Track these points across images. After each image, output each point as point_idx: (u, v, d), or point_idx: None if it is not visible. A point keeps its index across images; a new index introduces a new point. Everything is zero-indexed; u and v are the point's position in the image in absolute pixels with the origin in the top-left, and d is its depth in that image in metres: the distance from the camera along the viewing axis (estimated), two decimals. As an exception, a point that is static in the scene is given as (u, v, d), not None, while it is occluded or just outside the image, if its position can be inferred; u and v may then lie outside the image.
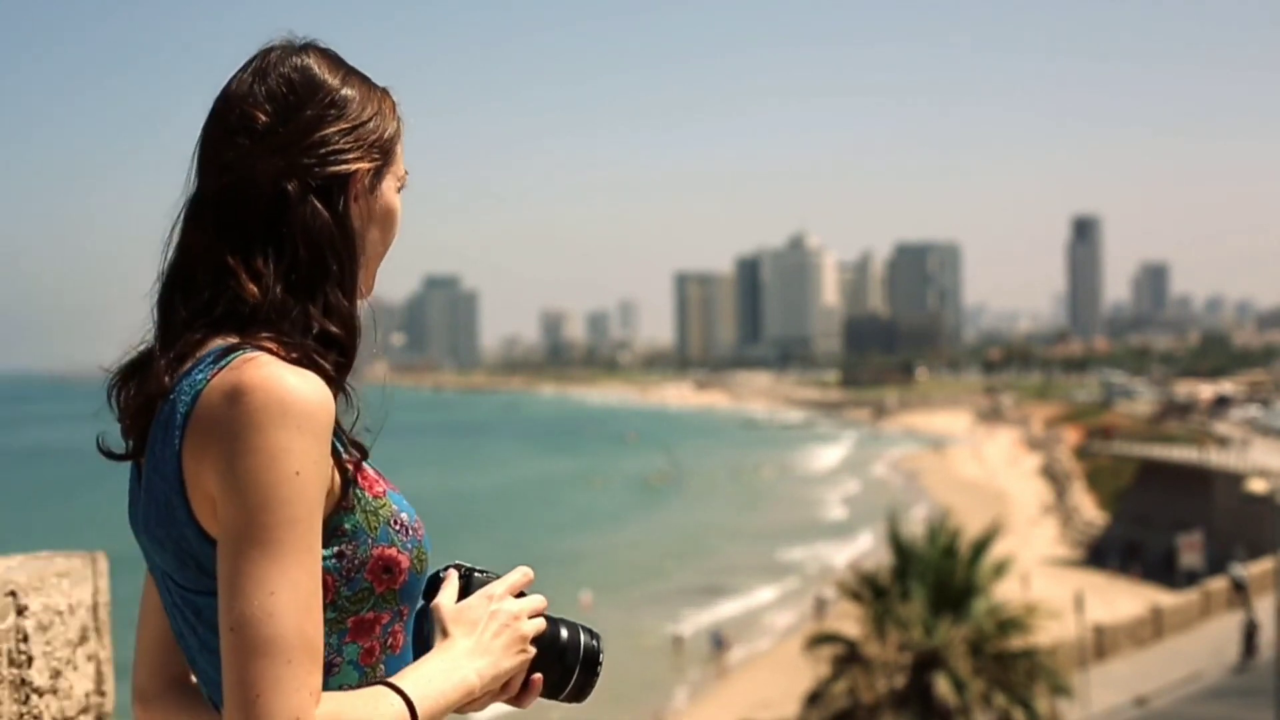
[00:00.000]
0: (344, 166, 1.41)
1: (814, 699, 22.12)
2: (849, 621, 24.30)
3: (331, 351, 1.37)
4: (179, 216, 1.44)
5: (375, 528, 1.36)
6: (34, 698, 2.20)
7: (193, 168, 1.44)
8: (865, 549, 52.22)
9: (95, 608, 2.44)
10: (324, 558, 1.31)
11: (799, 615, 42.25)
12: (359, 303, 1.43)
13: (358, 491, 1.36)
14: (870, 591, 22.97)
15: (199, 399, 1.29)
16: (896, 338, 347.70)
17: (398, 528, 1.38)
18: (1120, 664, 32.16)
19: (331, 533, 1.32)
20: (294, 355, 1.32)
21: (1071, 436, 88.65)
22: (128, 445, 1.43)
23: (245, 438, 1.25)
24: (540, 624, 1.48)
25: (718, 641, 38.07)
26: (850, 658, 22.04)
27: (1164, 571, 45.83)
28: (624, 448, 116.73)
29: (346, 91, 1.44)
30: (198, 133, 1.46)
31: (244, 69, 1.44)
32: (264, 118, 1.39)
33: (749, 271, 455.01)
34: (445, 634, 1.42)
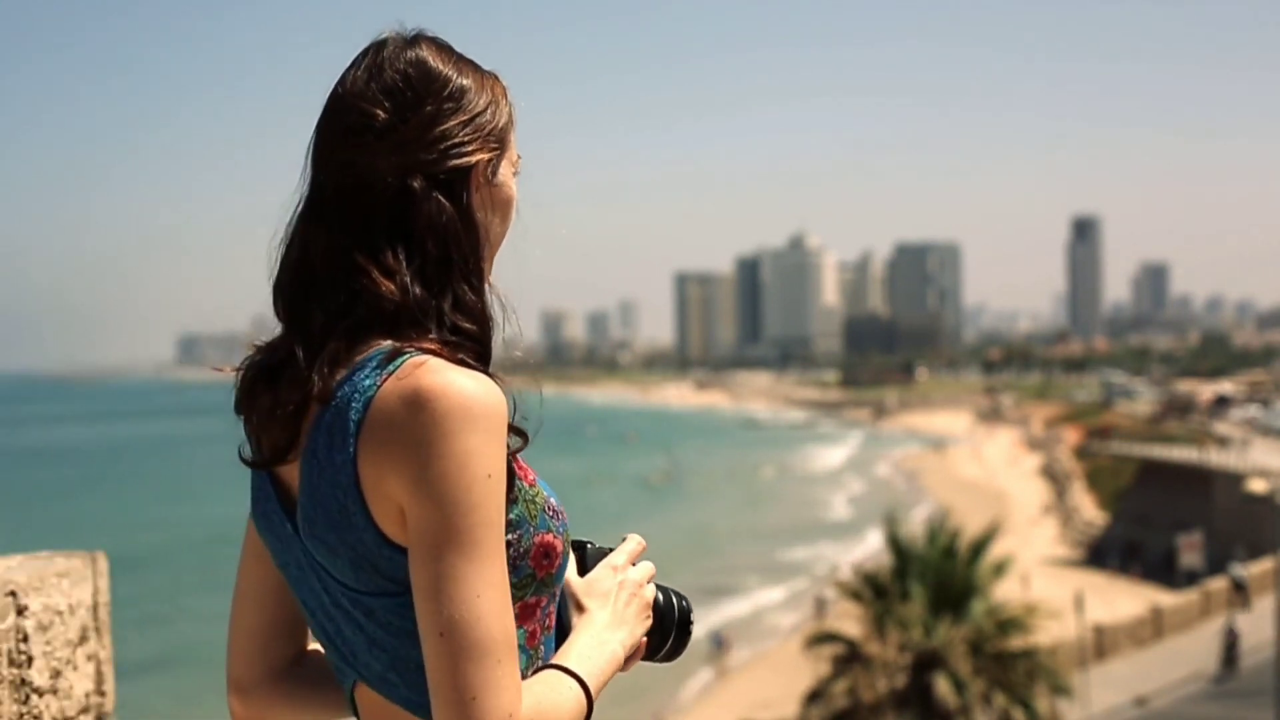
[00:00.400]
0: (465, 159, 1.41)
1: (814, 699, 22.12)
2: (849, 621, 24.30)
3: (469, 345, 1.38)
4: (294, 216, 1.43)
5: (535, 516, 1.39)
6: (34, 698, 2.20)
7: (307, 167, 1.43)
8: (865, 549, 52.20)
9: (95, 608, 2.44)
10: None
11: (800, 615, 42.25)
12: (488, 295, 1.44)
13: (518, 482, 1.38)
14: (870, 591, 22.97)
15: (372, 405, 1.29)
16: (896, 338, 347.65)
17: (551, 513, 1.42)
18: (1120, 664, 32.16)
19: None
20: (459, 356, 1.34)
21: (1071, 436, 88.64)
22: (261, 451, 1.42)
23: (436, 444, 1.26)
24: (654, 589, 1.55)
25: (718, 642, 38.05)
26: (850, 657, 22.04)
27: (1164, 571, 45.82)
28: (624, 447, 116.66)
29: (463, 82, 1.43)
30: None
31: (356, 65, 1.43)
32: (383, 115, 1.38)
33: (749, 271, 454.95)
34: (581, 609, 1.48)
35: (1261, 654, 29.76)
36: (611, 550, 1.57)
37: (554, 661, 1.40)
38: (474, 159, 1.41)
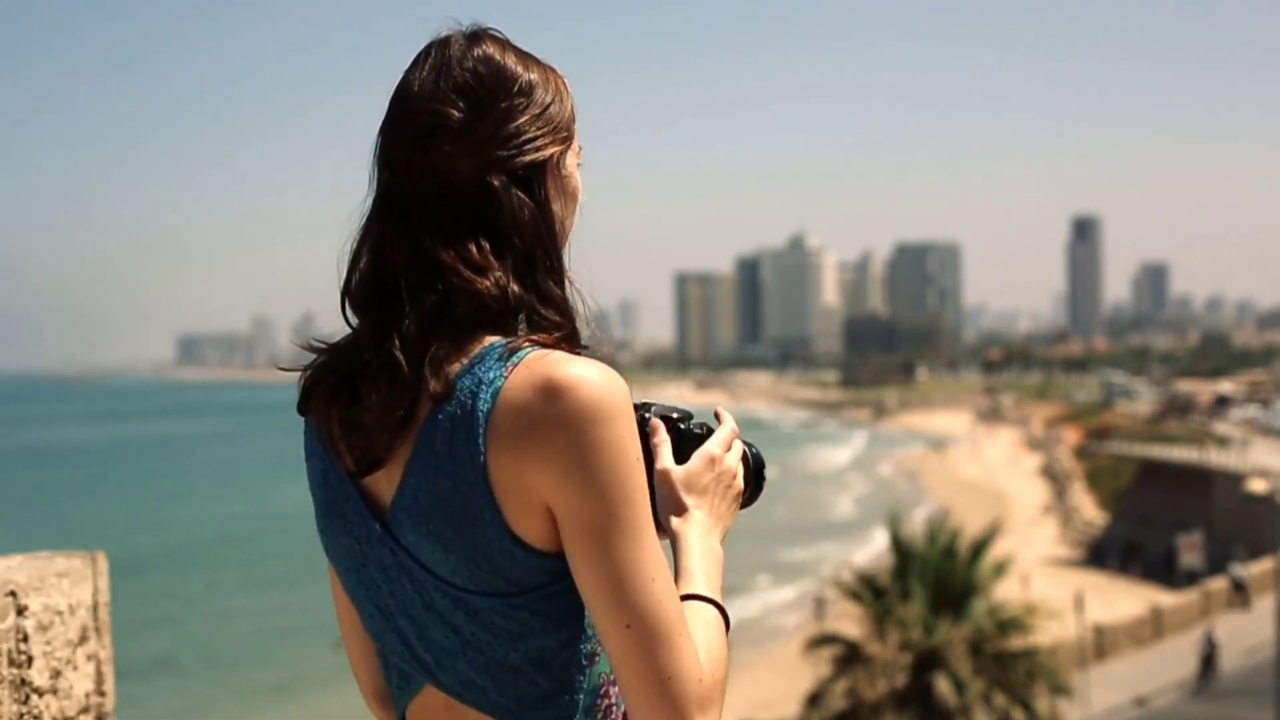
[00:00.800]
0: (540, 154, 1.41)
1: (814, 699, 22.12)
2: (849, 621, 24.30)
3: (562, 339, 1.38)
4: (368, 219, 1.42)
5: None
6: (34, 698, 2.20)
7: (376, 169, 1.42)
8: (865, 549, 52.19)
9: (95, 608, 2.44)
10: None
11: (800, 615, 42.24)
12: (569, 288, 1.44)
13: None
14: (870, 591, 22.98)
15: (501, 398, 1.29)
16: (896, 338, 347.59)
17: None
18: (1120, 664, 32.16)
19: None
20: (578, 350, 1.36)
21: (1071, 436, 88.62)
22: (361, 457, 1.39)
23: (585, 434, 1.27)
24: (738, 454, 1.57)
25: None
26: (850, 658, 22.04)
27: (1164, 571, 45.81)
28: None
29: (530, 76, 1.44)
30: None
31: (420, 66, 1.43)
32: (458, 114, 1.38)
33: (749, 271, 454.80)
34: (682, 508, 1.48)
35: (1261, 654, 29.75)
36: (703, 430, 1.55)
37: (690, 591, 1.41)
38: (547, 153, 1.42)
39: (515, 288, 1.36)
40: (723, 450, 1.53)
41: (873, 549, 52.63)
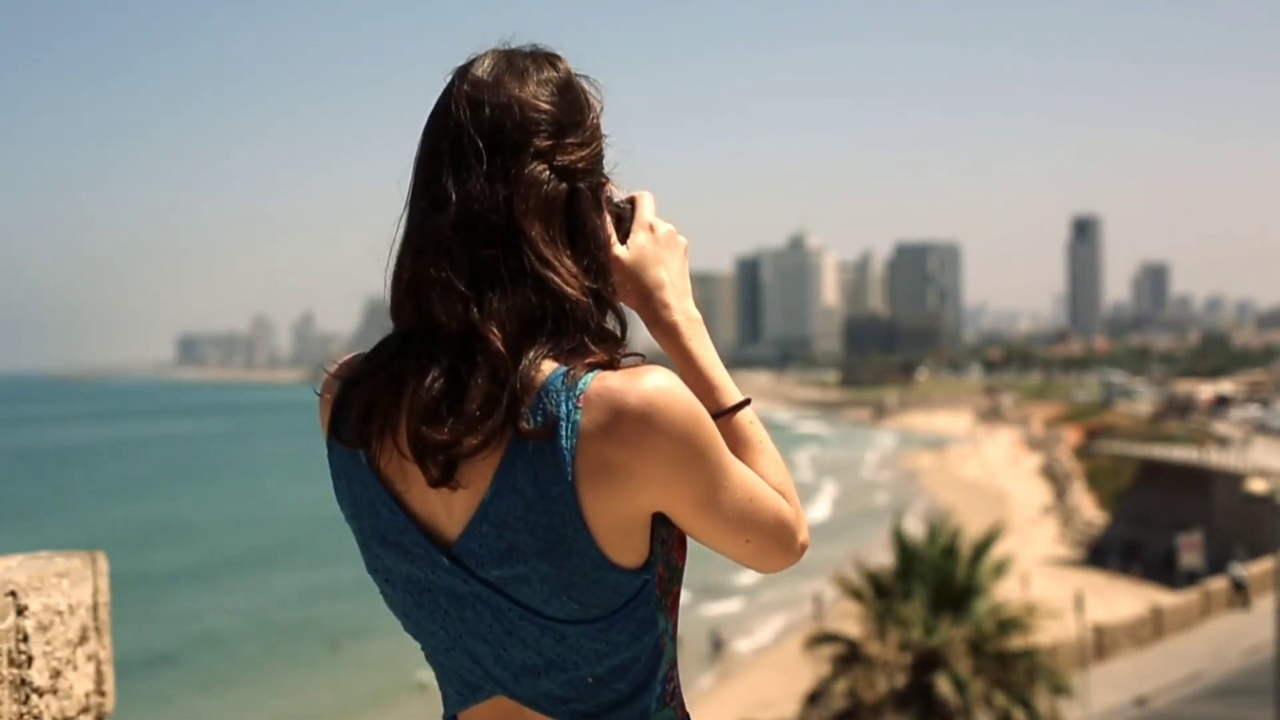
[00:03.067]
0: (602, 178, 1.47)
1: (814, 699, 22.13)
2: (849, 621, 24.31)
3: (614, 349, 1.40)
4: (445, 210, 1.37)
5: None
6: (34, 698, 2.20)
7: (454, 160, 1.38)
8: (864, 549, 52.13)
9: (95, 608, 2.44)
10: (657, 549, 1.39)
11: (799, 615, 42.23)
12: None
13: None
14: (871, 591, 22.98)
15: (583, 434, 1.30)
16: (896, 338, 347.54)
17: None
18: (1120, 664, 32.17)
19: (656, 525, 1.39)
20: (637, 362, 1.38)
21: (1071, 436, 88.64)
22: (434, 474, 1.35)
23: (677, 442, 1.31)
24: None
25: (716, 642, 38.08)
26: (851, 657, 22.05)
27: (1164, 571, 45.84)
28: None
29: (597, 105, 1.48)
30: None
31: (498, 66, 1.42)
32: (559, 115, 1.41)
33: (749, 271, 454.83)
34: (647, 293, 1.52)
35: (1261, 654, 29.75)
36: (630, 206, 1.56)
37: (727, 405, 1.49)
38: (607, 181, 1.49)
39: (591, 298, 1.39)
40: (652, 216, 1.55)
41: (865, 549, 52.67)
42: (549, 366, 1.33)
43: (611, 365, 1.35)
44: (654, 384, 1.31)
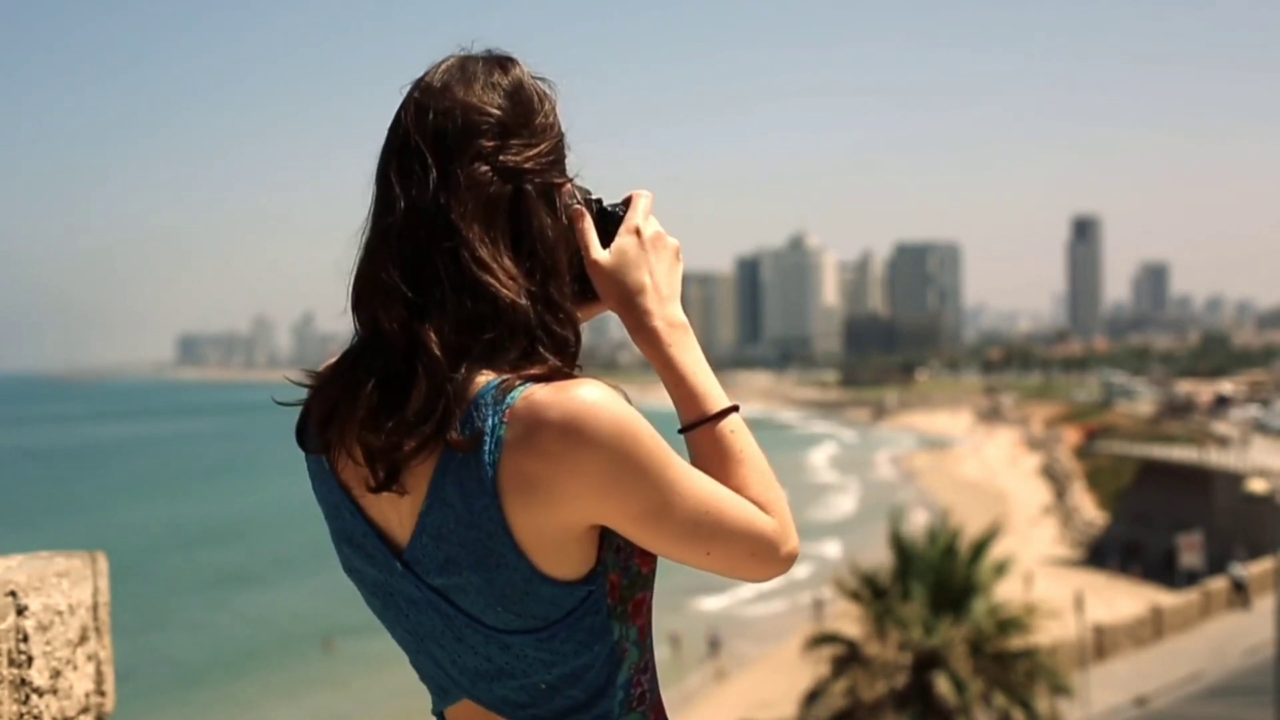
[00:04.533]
0: (557, 179, 1.45)
1: (814, 699, 22.13)
2: (849, 621, 24.29)
3: (566, 355, 1.39)
4: (394, 215, 1.38)
5: None
6: (34, 698, 2.20)
7: (401, 165, 1.39)
8: (863, 549, 52.12)
9: (95, 608, 2.44)
10: (608, 558, 1.37)
11: (798, 615, 42.20)
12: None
13: None
14: (870, 591, 22.97)
15: (505, 449, 1.29)
16: (896, 338, 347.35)
17: None
18: (1120, 664, 32.16)
19: (605, 532, 1.37)
20: (562, 369, 1.35)
21: (1071, 436, 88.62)
22: (379, 475, 1.36)
23: (605, 453, 1.29)
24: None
25: (715, 642, 38.07)
26: (850, 657, 22.05)
27: (1164, 571, 45.84)
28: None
29: (551, 108, 1.47)
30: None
31: (452, 71, 1.43)
32: (503, 117, 1.40)
33: (749, 271, 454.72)
34: (629, 298, 1.48)
35: (1261, 654, 29.74)
36: (624, 208, 1.54)
37: (707, 414, 1.45)
38: (561, 180, 1.46)
39: (529, 301, 1.37)
40: (644, 219, 1.52)
41: (864, 549, 52.71)
42: (485, 377, 1.33)
43: (552, 376, 1.33)
44: (579, 397, 1.30)
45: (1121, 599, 41.26)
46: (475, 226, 1.36)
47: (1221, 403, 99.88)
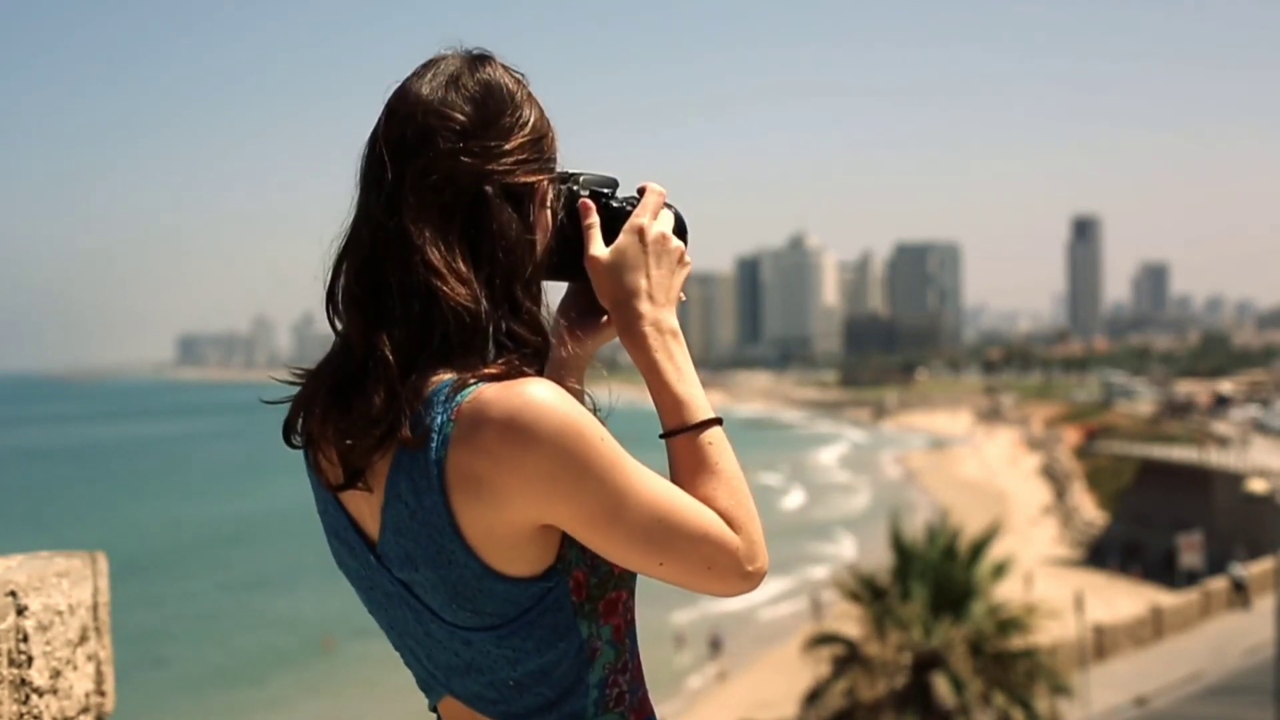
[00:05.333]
0: (532, 178, 1.43)
1: (814, 699, 22.13)
2: (849, 621, 24.29)
3: (528, 356, 1.38)
4: (365, 216, 1.41)
5: None
6: (34, 698, 2.20)
7: (370, 167, 1.42)
8: (863, 549, 52.15)
9: (95, 608, 2.44)
10: (571, 555, 1.37)
11: (798, 615, 42.20)
12: (544, 311, 1.45)
13: None
14: (870, 592, 22.96)
15: (452, 446, 1.30)
16: (896, 338, 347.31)
17: None
18: (1120, 664, 32.16)
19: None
20: (521, 368, 1.35)
21: (1071, 436, 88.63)
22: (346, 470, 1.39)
23: (548, 452, 1.29)
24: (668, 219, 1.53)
25: (716, 643, 38.06)
26: (850, 658, 22.05)
27: (1164, 571, 45.83)
28: (625, 446, 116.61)
29: (529, 105, 1.46)
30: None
31: (425, 74, 1.44)
32: (465, 120, 1.40)
33: (749, 271, 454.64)
34: (619, 297, 1.48)
35: (1261, 654, 29.73)
36: (633, 204, 1.52)
37: (686, 424, 1.44)
38: (537, 179, 1.44)
39: (488, 305, 1.37)
40: (650, 218, 1.51)
41: (864, 549, 52.73)
42: (440, 376, 1.34)
43: (507, 376, 1.33)
44: (523, 394, 1.30)
45: (1121, 599, 41.25)
46: (427, 231, 1.36)
47: (1221, 403, 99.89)
